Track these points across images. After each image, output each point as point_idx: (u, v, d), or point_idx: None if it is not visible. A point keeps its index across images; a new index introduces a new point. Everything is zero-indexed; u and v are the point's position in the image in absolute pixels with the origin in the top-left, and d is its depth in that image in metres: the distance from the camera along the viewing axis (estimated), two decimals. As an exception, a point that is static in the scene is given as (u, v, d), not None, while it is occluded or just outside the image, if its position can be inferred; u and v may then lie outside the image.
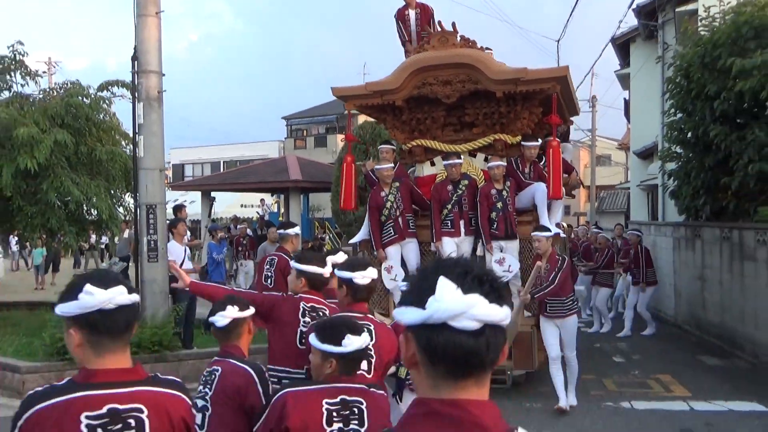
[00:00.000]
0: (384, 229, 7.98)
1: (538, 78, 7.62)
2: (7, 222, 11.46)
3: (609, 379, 8.56)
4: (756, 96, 9.30)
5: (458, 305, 1.23)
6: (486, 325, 1.25)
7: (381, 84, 8.16)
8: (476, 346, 1.24)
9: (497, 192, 7.65)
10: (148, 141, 8.76)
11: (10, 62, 11.31)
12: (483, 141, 8.22)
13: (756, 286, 9.37)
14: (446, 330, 1.23)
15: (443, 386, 1.27)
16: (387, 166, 8.02)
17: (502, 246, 7.63)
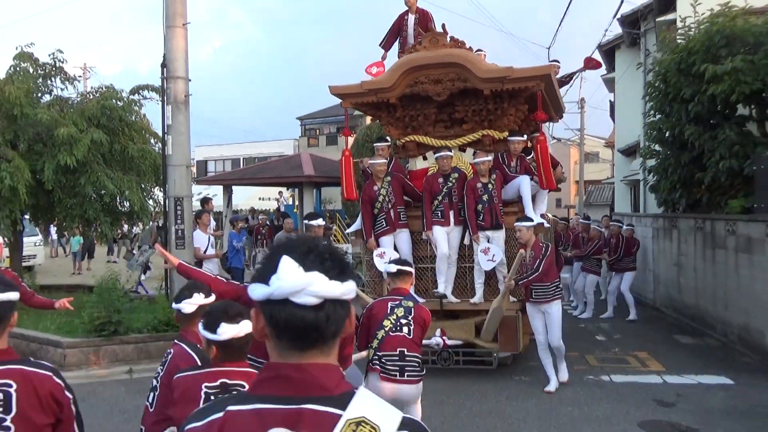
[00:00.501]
0: (377, 220, 7.87)
1: (523, 76, 7.49)
2: (49, 213, 11.59)
3: (591, 355, 8.68)
4: (727, 99, 9.35)
5: (298, 282, 1.22)
6: (326, 300, 1.24)
7: (376, 83, 8.04)
8: (316, 319, 1.24)
9: (483, 185, 7.51)
10: (176, 140, 8.92)
11: (51, 68, 11.44)
12: (472, 136, 8.09)
13: (726, 271, 9.44)
14: (288, 305, 1.23)
15: (289, 355, 1.27)
16: (380, 161, 7.89)
17: (489, 236, 7.50)
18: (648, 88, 11.97)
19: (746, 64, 9.08)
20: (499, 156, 7.96)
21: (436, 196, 7.68)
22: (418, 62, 7.79)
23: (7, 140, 10.19)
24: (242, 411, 1.24)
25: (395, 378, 4.44)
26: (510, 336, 7.30)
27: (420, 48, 8.00)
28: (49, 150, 10.20)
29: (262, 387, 1.27)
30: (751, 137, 9.80)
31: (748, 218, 8.79)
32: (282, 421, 1.20)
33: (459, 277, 7.85)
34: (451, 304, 7.67)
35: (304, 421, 1.20)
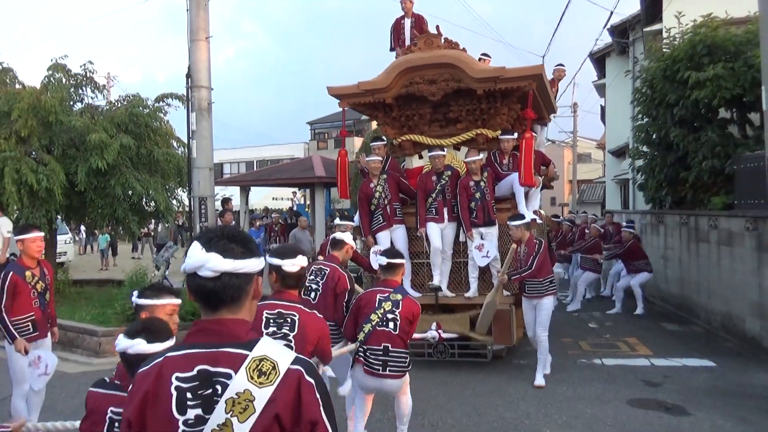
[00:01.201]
0: (373, 217, 7.65)
1: (515, 76, 7.28)
2: (81, 212, 11.78)
3: (584, 341, 8.82)
4: (709, 104, 9.52)
5: (198, 260, 1.55)
6: (223, 273, 1.55)
7: (372, 83, 7.81)
8: (215, 287, 1.55)
9: (475, 183, 7.32)
10: (200, 144, 9.12)
11: (83, 78, 11.62)
12: (466, 135, 7.89)
13: (709, 263, 9.59)
14: (196, 277, 1.56)
15: (206, 313, 1.59)
16: (375, 158, 7.69)
17: (482, 232, 7.30)
18: (636, 93, 12.11)
19: (727, 71, 9.27)
20: (492, 154, 7.82)
21: (430, 193, 7.52)
22: (413, 63, 7.62)
23: (43, 145, 10.39)
24: (176, 356, 1.55)
25: (378, 372, 4.33)
26: (504, 329, 7.14)
27: (415, 49, 7.82)
28: (82, 154, 10.36)
29: (191, 338, 1.59)
30: (732, 139, 9.97)
31: (729, 214, 8.93)
32: (205, 360, 1.52)
33: (454, 272, 7.68)
34: (446, 298, 7.52)
35: (221, 360, 1.52)
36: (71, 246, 19.77)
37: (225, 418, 1.47)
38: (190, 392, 1.50)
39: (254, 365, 1.50)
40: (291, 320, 3.32)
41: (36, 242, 5.13)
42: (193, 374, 1.51)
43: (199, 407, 1.50)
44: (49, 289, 5.35)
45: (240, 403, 1.48)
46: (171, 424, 1.49)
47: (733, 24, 10.34)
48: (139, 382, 1.56)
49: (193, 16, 9.11)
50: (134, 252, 22.26)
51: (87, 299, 11.16)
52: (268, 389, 1.49)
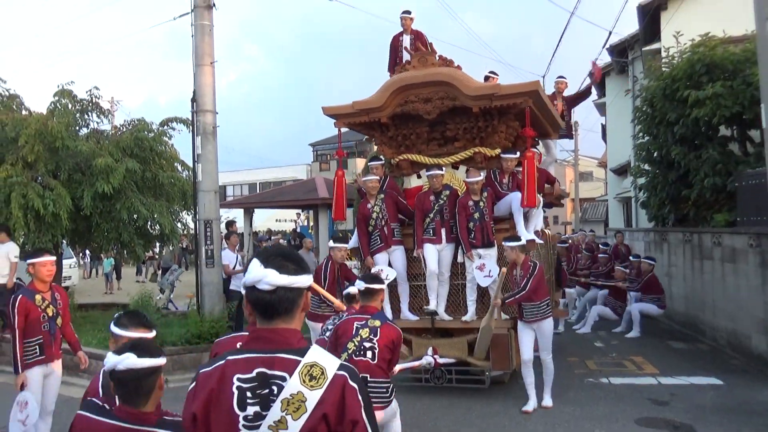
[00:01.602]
0: (371, 238, 7.48)
1: (510, 93, 7.09)
2: (87, 237, 11.84)
3: (591, 360, 8.79)
4: (709, 122, 9.59)
5: (257, 275, 1.74)
6: (278, 287, 1.74)
7: (366, 103, 7.67)
8: (272, 299, 1.75)
9: (474, 203, 7.10)
10: (205, 168, 9.20)
11: (88, 104, 11.74)
12: (464, 154, 7.72)
13: (713, 280, 9.59)
14: (255, 290, 1.75)
15: (262, 323, 1.78)
16: (372, 178, 7.53)
17: (480, 254, 7.07)
18: (636, 112, 12.18)
19: (726, 89, 9.35)
20: (491, 173, 7.64)
21: (428, 213, 7.32)
22: (408, 81, 7.48)
23: (49, 170, 10.47)
24: (237, 359, 1.75)
25: None
26: (502, 354, 6.84)
27: (409, 67, 7.68)
28: (88, 179, 10.43)
29: (250, 344, 1.80)
30: (733, 156, 10.03)
31: (732, 231, 8.95)
32: (262, 364, 1.72)
33: (452, 294, 7.45)
34: (443, 321, 7.26)
35: (276, 364, 1.72)
36: (76, 270, 19.81)
37: (281, 415, 1.68)
38: (249, 391, 1.71)
39: (306, 370, 1.71)
40: None
41: (46, 266, 5.17)
42: (252, 376, 1.72)
43: (258, 405, 1.70)
44: (61, 314, 5.37)
45: (293, 403, 1.68)
46: (232, 418, 1.69)
47: (730, 43, 10.45)
48: (203, 381, 1.76)
49: (198, 42, 9.25)
50: (138, 275, 22.29)
51: (92, 323, 11.14)
52: (317, 392, 1.69)
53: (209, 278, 9.22)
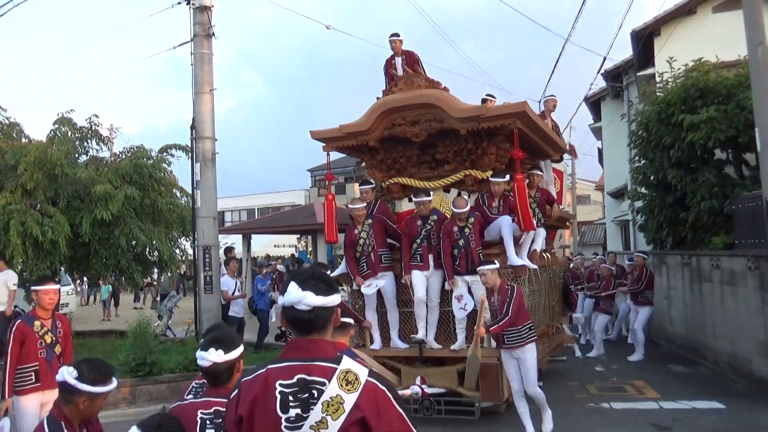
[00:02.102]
0: (359, 264, 7.29)
1: (497, 114, 6.95)
2: (85, 263, 11.84)
3: (591, 384, 8.73)
4: (704, 145, 9.68)
5: (296, 297, 1.95)
6: (315, 307, 1.96)
7: (353, 126, 7.54)
8: (309, 317, 1.96)
9: (459, 229, 6.87)
10: (204, 194, 9.23)
11: (88, 131, 11.84)
12: (454, 177, 7.55)
13: (713, 303, 9.57)
14: (293, 309, 1.96)
15: (299, 336, 1.99)
16: (359, 205, 7.32)
17: (467, 281, 6.79)
18: (632, 136, 12.27)
19: (720, 113, 9.45)
20: (480, 197, 7.39)
21: (415, 239, 7.10)
22: (394, 104, 7.34)
23: (48, 197, 10.52)
24: (278, 367, 1.93)
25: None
26: (491, 384, 6.51)
27: (396, 90, 7.54)
28: (87, 206, 10.49)
29: (288, 353, 1.99)
30: (729, 179, 10.09)
31: (730, 253, 8.96)
32: (302, 371, 1.90)
33: (442, 321, 7.17)
34: (432, 350, 7.02)
35: (314, 371, 1.90)
36: (73, 297, 19.73)
37: (321, 416, 1.85)
38: (291, 396, 1.89)
39: (342, 375, 1.89)
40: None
41: (49, 294, 5.15)
42: (293, 382, 1.90)
43: (299, 407, 1.88)
44: (59, 342, 5.32)
45: (333, 405, 1.86)
46: (275, 420, 1.87)
47: (723, 68, 10.60)
48: (246, 388, 1.95)
49: (197, 70, 9.35)
50: (136, 302, 22.19)
51: (90, 351, 11.04)
52: (354, 394, 1.88)
53: (208, 304, 9.19)
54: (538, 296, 7.99)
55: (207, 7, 9.34)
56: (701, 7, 13.73)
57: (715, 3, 13.69)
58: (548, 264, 8.66)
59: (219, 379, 2.62)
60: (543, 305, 8.30)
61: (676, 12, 13.77)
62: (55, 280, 5.45)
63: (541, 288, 8.28)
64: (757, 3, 7.19)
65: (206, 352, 2.60)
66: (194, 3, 9.25)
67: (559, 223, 9.23)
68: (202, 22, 9.37)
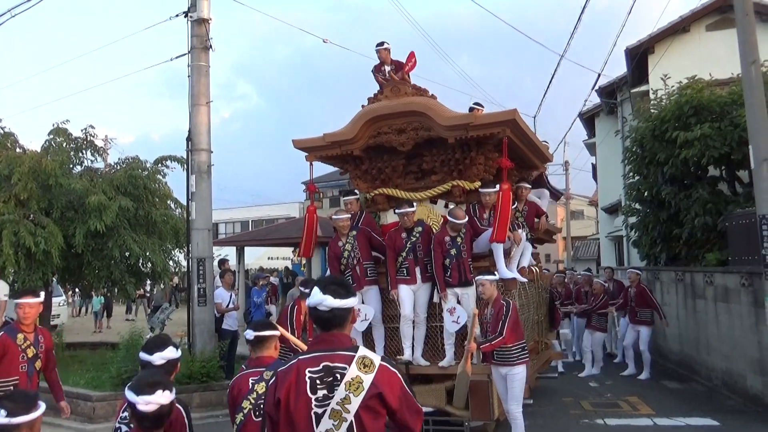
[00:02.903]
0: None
1: (486, 123, 6.71)
2: (77, 275, 11.76)
3: (585, 400, 8.70)
4: (698, 162, 9.74)
5: (318, 299, 2.45)
6: (333, 308, 2.45)
7: (338, 135, 7.26)
8: (330, 316, 2.47)
9: (451, 239, 6.60)
10: (199, 206, 9.20)
11: (83, 142, 11.79)
12: (442, 188, 7.29)
13: (707, 319, 9.58)
14: (317, 310, 2.47)
15: (321, 331, 2.51)
16: (342, 216, 7.05)
17: (458, 293, 6.55)
18: (626, 152, 12.32)
19: (714, 130, 9.53)
20: (471, 207, 7.13)
21: (400, 252, 6.79)
22: (380, 112, 7.07)
23: (42, 208, 10.44)
24: (307, 358, 2.43)
25: None
26: (481, 402, 6.20)
27: (381, 97, 7.25)
28: (80, 216, 10.42)
29: (314, 345, 2.51)
30: (722, 196, 10.15)
31: (724, 270, 8.99)
32: (326, 359, 2.39)
33: (429, 337, 6.87)
34: (420, 367, 6.68)
35: (336, 359, 2.39)
36: (65, 308, 19.57)
37: (345, 394, 2.33)
38: (318, 380, 2.36)
39: (360, 360, 2.39)
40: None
41: (23, 308, 4.98)
42: (320, 368, 2.38)
43: (325, 389, 2.35)
44: (40, 357, 5.23)
45: (353, 384, 2.35)
46: (307, 400, 2.34)
47: (716, 86, 10.69)
48: (282, 376, 2.42)
49: (194, 82, 9.36)
50: (128, 313, 22.03)
51: (80, 363, 10.99)
52: (370, 375, 2.37)
53: (201, 317, 9.13)
54: (527, 311, 7.78)
55: (205, 20, 9.36)
56: (695, 26, 13.89)
57: (708, 22, 13.86)
58: (537, 278, 8.49)
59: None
60: (531, 320, 8.12)
61: (670, 30, 13.92)
62: (35, 292, 5.33)
63: (530, 302, 8.09)
64: (751, 22, 7.27)
65: (150, 396, 2.48)
66: (192, 16, 9.28)
67: (546, 237, 9.01)
68: (200, 34, 9.39)
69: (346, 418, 2.33)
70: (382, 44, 8.39)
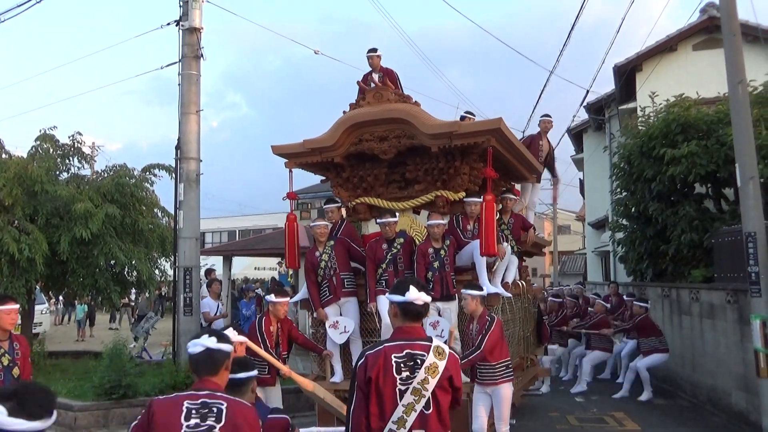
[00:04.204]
0: (321, 289, 6.80)
1: (470, 131, 6.49)
2: (61, 282, 11.61)
3: (572, 415, 8.67)
4: (685, 179, 9.82)
5: (416, 295, 3.06)
6: (426, 302, 3.11)
7: (318, 141, 7.04)
8: (422, 309, 3.11)
9: (435, 251, 6.39)
10: (187, 215, 9.15)
11: (70, 149, 11.69)
12: (425, 198, 7.06)
13: (692, 336, 9.62)
14: (412, 305, 3.06)
15: (406, 323, 3.08)
16: (320, 223, 6.90)
17: (439, 308, 6.30)
18: (614, 168, 12.39)
19: (701, 148, 9.62)
20: (454, 219, 6.94)
21: (380, 263, 6.57)
22: (361, 119, 6.87)
23: (27, 214, 10.33)
24: (392, 345, 2.99)
25: None
26: (460, 422, 5.88)
27: (363, 103, 7.05)
28: (66, 223, 10.32)
29: (397, 335, 3.07)
30: (709, 213, 10.24)
31: (710, 287, 9.04)
32: (408, 347, 2.97)
33: None
34: None
35: (416, 347, 2.97)
36: (47, 316, 19.32)
37: (424, 376, 2.91)
38: (402, 364, 2.93)
39: (436, 349, 2.98)
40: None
41: (11, 314, 4.95)
42: (403, 354, 2.95)
43: (408, 371, 2.92)
44: (17, 365, 5.13)
45: (431, 368, 2.93)
46: (393, 380, 2.91)
47: (703, 104, 10.83)
48: (372, 359, 2.94)
49: (184, 91, 9.34)
50: (112, 322, 21.79)
51: (63, 372, 10.84)
52: (443, 361, 2.97)
53: (187, 326, 9.04)
54: (512, 326, 7.51)
55: (196, 29, 9.36)
56: (682, 45, 14.09)
57: (695, 41, 14.06)
58: (523, 292, 8.22)
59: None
60: (517, 336, 7.86)
61: (658, 48, 14.11)
62: (16, 299, 5.24)
63: (516, 318, 7.81)
64: (738, 42, 7.35)
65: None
66: (184, 24, 9.27)
67: (535, 250, 8.85)
68: (191, 43, 9.39)
69: (425, 395, 2.91)
70: (375, 51, 8.34)
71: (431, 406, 2.94)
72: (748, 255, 6.82)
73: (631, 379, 9.96)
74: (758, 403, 7.14)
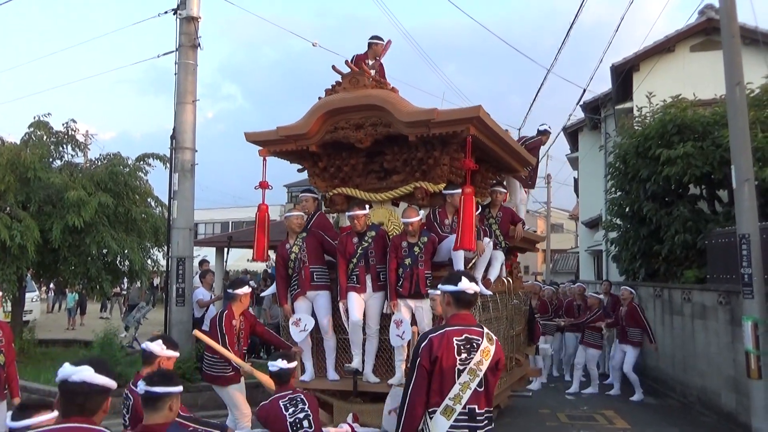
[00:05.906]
0: (291, 282, 6.52)
1: (448, 119, 6.08)
2: (52, 270, 11.53)
3: (562, 413, 8.71)
4: (680, 180, 9.84)
5: (467, 285, 3.33)
6: (476, 291, 3.41)
7: (291, 128, 6.70)
8: (473, 298, 3.41)
9: (408, 246, 6.06)
10: (181, 205, 9.08)
11: (64, 136, 11.59)
12: (403, 189, 6.70)
13: (683, 336, 9.65)
14: (464, 293, 3.34)
15: (458, 310, 3.36)
16: (295, 214, 6.62)
17: (412, 306, 6.05)
18: (609, 168, 12.39)
19: (696, 149, 9.64)
20: (432, 212, 6.61)
21: (351, 258, 6.26)
22: (336, 105, 6.52)
23: (19, 201, 10.23)
24: (453, 329, 3.27)
25: None
26: None
27: (339, 89, 6.67)
28: (58, 211, 10.21)
29: (455, 321, 3.33)
30: (702, 214, 10.26)
31: (702, 288, 9.07)
32: (466, 332, 3.26)
33: (382, 351, 6.30)
34: (369, 384, 6.17)
35: (472, 332, 3.27)
36: (37, 304, 19.22)
37: (479, 358, 3.22)
38: (462, 346, 3.22)
39: (487, 335, 3.30)
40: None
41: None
42: (462, 338, 3.23)
43: (466, 352, 3.21)
44: (3, 351, 5.09)
45: (485, 352, 3.25)
46: (454, 360, 3.19)
47: (700, 105, 10.84)
48: (437, 341, 3.21)
49: (181, 80, 9.26)
50: (103, 311, 21.70)
51: (52, 360, 10.75)
52: (493, 346, 3.29)
53: (179, 317, 9.00)
54: (496, 324, 7.02)
55: (194, 18, 9.28)
56: (679, 46, 14.09)
57: (693, 43, 14.08)
58: (509, 290, 7.70)
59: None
60: (503, 335, 7.34)
61: (656, 49, 14.11)
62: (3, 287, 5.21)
63: (501, 316, 7.33)
64: (737, 44, 7.36)
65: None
66: (182, 13, 9.19)
67: (527, 246, 8.62)
68: (189, 32, 9.30)
69: (479, 375, 3.22)
70: (381, 39, 7.98)
71: (483, 384, 3.24)
72: (742, 257, 6.85)
73: (618, 377, 10.08)
74: (748, 403, 7.18)
